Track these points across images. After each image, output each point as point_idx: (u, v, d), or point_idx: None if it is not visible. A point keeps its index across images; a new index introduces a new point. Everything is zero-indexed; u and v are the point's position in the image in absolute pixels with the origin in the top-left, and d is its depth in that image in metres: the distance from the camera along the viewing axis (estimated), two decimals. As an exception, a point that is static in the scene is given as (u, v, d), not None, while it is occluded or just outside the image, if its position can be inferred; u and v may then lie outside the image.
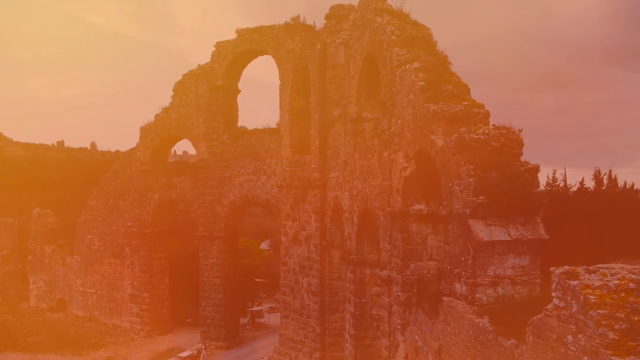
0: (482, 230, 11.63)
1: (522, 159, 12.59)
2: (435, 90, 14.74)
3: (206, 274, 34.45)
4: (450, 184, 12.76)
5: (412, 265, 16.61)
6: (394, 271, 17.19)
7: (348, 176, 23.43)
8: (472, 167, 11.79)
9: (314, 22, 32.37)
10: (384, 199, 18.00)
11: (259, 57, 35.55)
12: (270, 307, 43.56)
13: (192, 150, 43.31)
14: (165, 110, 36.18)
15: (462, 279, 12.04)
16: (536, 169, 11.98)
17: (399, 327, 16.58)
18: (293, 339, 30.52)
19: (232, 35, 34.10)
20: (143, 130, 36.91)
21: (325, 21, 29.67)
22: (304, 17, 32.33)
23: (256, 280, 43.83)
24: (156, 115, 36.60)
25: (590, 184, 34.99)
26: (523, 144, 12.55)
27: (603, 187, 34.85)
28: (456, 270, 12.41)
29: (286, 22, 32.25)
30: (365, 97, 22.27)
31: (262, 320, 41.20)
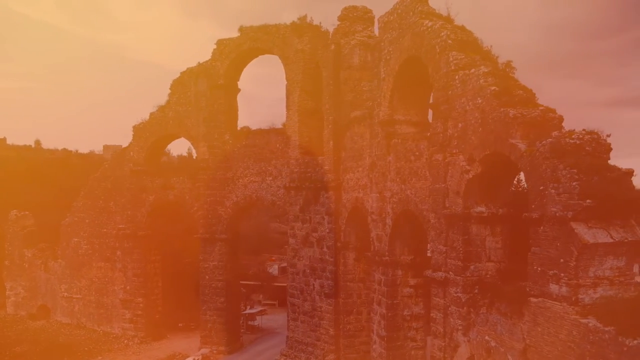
0: (586, 233, 11.95)
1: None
2: (509, 94, 15.01)
3: (207, 277, 33.60)
4: (541, 187, 13.02)
5: (472, 267, 16.88)
6: (450, 272, 17.37)
7: (377, 178, 23.45)
8: (574, 171, 12.09)
9: (320, 22, 32.44)
10: (437, 201, 18.14)
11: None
12: (261, 310, 43.06)
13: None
14: (162, 108, 35.05)
15: (561, 281, 12.32)
16: (631, 173, 12.42)
17: (460, 327, 16.75)
18: (303, 342, 30.25)
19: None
20: (137, 129, 35.60)
21: (338, 22, 29.71)
22: (311, 17, 32.24)
23: (247, 283, 43.17)
24: (151, 114, 35.41)
25: None
26: (611, 149, 12.98)
27: None
28: (551, 272, 12.68)
29: (293, 21, 31.99)
30: (398, 99, 22.39)
31: (255, 323, 40.61)
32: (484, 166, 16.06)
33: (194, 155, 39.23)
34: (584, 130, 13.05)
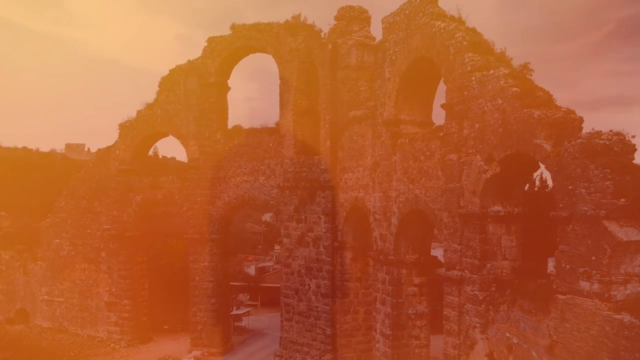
0: (619, 231, 12.27)
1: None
2: (531, 96, 15.29)
3: (197, 278, 33.06)
4: (570, 187, 13.31)
5: (489, 265, 17.15)
6: (466, 271, 17.58)
7: (381, 178, 23.54)
8: (607, 170, 12.40)
9: (314, 22, 32.37)
10: (451, 200, 18.34)
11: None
12: (247, 311, 42.70)
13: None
14: (149, 106, 34.32)
15: (593, 278, 12.62)
16: (657, 173, 12.81)
17: (477, 325, 16.97)
18: (298, 342, 30.12)
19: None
20: (123, 127, 34.75)
21: (335, 22, 29.67)
22: (305, 16, 32.13)
23: (232, 284, 42.65)
24: (138, 112, 34.64)
25: None
26: (636, 149, 13.38)
27: None
28: (581, 269, 12.97)
29: (287, 20, 31.86)
30: (404, 100, 22.55)
31: (242, 324, 40.25)
32: (502, 166, 16.31)
33: (178, 156, 38.62)
34: (611, 131, 13.39)
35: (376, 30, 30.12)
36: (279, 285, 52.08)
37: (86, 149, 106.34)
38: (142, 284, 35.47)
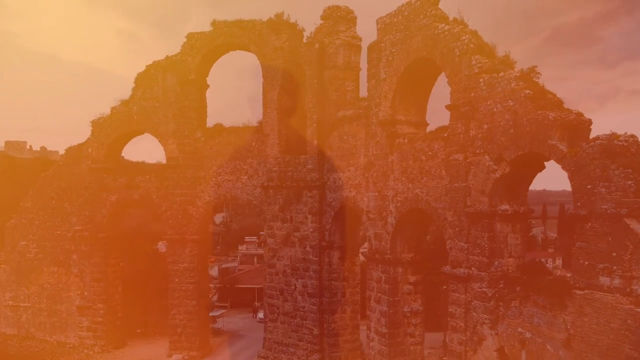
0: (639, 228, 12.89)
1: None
2: (543, 98, 15.81)
3: (176, 279, 32.21)
4: (589, 186, 13.86)
5: (496, 262, 17.60)
6: (473, 268, 17.97)
7: (376, 177, 23.70)
8: (629, 170, 13.00)
9: (296, 20, 32.18)
10: (456, 199, 18.69)
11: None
12: (223, 312, 42.05)
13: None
14: (125, 103, 33.15)
15: (614, 273, 13.19)
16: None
17: (486, 321, 17.37)
18: (283, 343, 29.89)
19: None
20: (96, 124, 33.41)
21: (321, 21, 29.65)
22: (288, 15, 31.90)
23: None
24: (112, 108, 33.39)
25: None
26: (649, 151, 14.06)
27: None
28: (601, 265, 13.53)
29: (270, 18, 31.50)
30: (400, 100, 22.80)
31: (217, 326, 39.56)
32: (512, 166, 16.78)
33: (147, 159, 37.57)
34: (626, 133, 14.03)
35: (360, 31, 30.16)
36: (252, 286, 52.16)
37: (28, 147, 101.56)
38: (115, 286, 34.21)
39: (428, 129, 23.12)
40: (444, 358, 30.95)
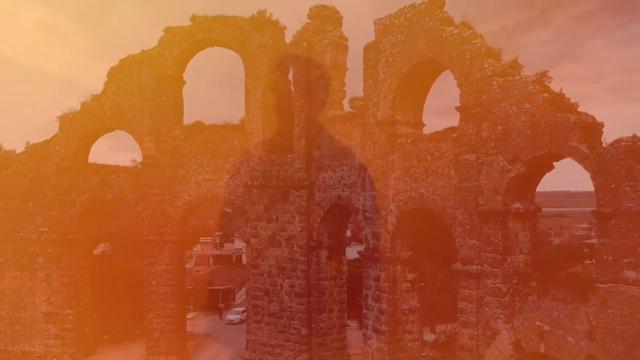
0: (665, 225, 13.81)
1: None
2: (562, 102, 16.57)
3: (154, 282, 31.05)
4: (614, 185, 14.70)
5: (509, 259, 18.26)
6: (485, 265, 18.56)
7: (374, 177, 23.90)
8: (655, 171, 13.89)
9: (277, 18, 31.90)
10: (467, 198, 19.21)
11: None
12: (194, 315, 40.97)
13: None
14: (97, 98, 31.60)
15: (639, 267, 14.06)
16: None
17: (501, 316, 17.99)
18: (268, 344, 29.54)
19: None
20: (64, 119, 31.64)
21: (308, 20, 29.61)
22: (270, 12, 31.55)
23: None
24: (83, 104, 31.74)
25: None
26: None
27: None
28: (626, 260, 14.40)
29: (252, 15, 31.05)
30: (400, 101, 23.14)
31: (189, 329, 38.40)
32: (528, 166, 17.48)
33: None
34: (644, 135, 14.97)
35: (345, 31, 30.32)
36: (218, 287, 51.11)
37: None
38: (84, 291, 32.52)
39: (427, 130, 23.64)
40: (422, 354, 31.66)
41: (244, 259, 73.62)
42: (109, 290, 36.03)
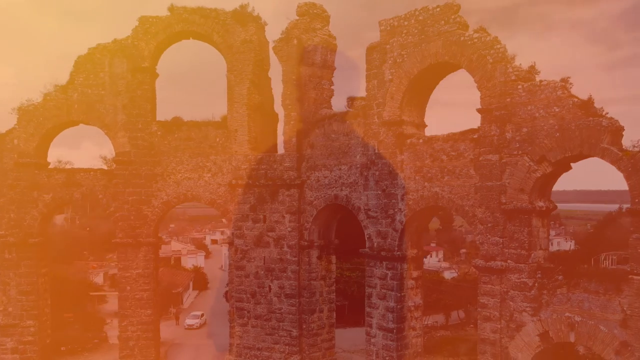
0: (699, 220, 15.24)
1: None
2: (591, 106, 17.69)
3: (128, 287, 29.12)
4: (648, 185, 15.97)
5: (533, 254, 19.21)
6: (509, 261, 19.39)
7: (378, 176, 24.06)
8: (690, 171, 15.29)
9: (259, 14, 31.22)
10: (489, 197, 19.93)
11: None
12: None
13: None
14: (62, 88, 29.14)
15: (676, 259, 15.42)
16: None
17: (527, 309, 18.85)
18: (255, 347, 28.79)
19: None
20: (24, 111, 28.86)
21: (297, 17, 29.16)
22: (253, 7, 30.79)
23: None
24: (45, 95, 29.13)
25: None
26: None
27: None
28: (661, 253, 15.71)
29: (235, 8, 30.14)
30: (407, 101, 23.53)
31: (151, 336, 36.46)
32: (554, 167, 18.49)
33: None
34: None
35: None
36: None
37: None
38: (45, 299, 29.82)
39: (429, 131, 24.21)
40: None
41: (185, 261, 71.11)
42: (69, 298, 33.30)
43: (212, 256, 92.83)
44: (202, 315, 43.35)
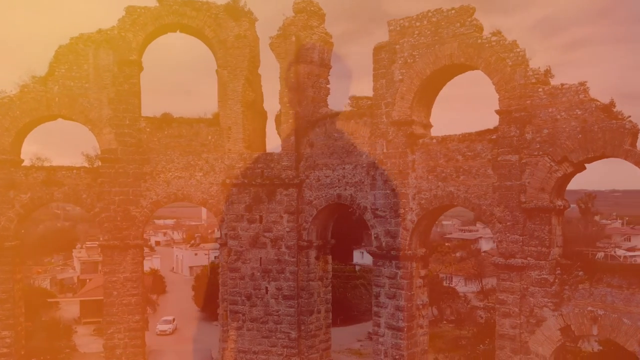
0: None
1: None
2: (613, 109, 18.57)
3: (114, 293, 27.53)
4: (672, 185, 16.97)
5: (552, 252, 19.92)
6: (529, 258, 19.99)
7: (388, 175, 24.12)
8: None
9: (249, 9, 30.52)
10: (508, 196, 20.44)
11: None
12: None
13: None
14: (41, 80, 27.18)
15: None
16: None
17: (548, 304, 19.49)
18: (251, 351, 28.09)
19: None
20: (-3, 104, 26.58)
21: (294, 14, 28.75)
22: (244, 1, 30.03)
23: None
24: (22, 86, 27.03)
25: None
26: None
27: None
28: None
29: (228, 2, 29.31)
30: (417, 101, 23.75)
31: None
32: (575, 167, 19.24)
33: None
34: (689, 141, 17.51)
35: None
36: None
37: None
38: (20, 308, 27.65)
39: (434, 131, 24.54)
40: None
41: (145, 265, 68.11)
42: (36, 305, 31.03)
43: (160, 258, 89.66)
44: (174, 320, 41.69)
